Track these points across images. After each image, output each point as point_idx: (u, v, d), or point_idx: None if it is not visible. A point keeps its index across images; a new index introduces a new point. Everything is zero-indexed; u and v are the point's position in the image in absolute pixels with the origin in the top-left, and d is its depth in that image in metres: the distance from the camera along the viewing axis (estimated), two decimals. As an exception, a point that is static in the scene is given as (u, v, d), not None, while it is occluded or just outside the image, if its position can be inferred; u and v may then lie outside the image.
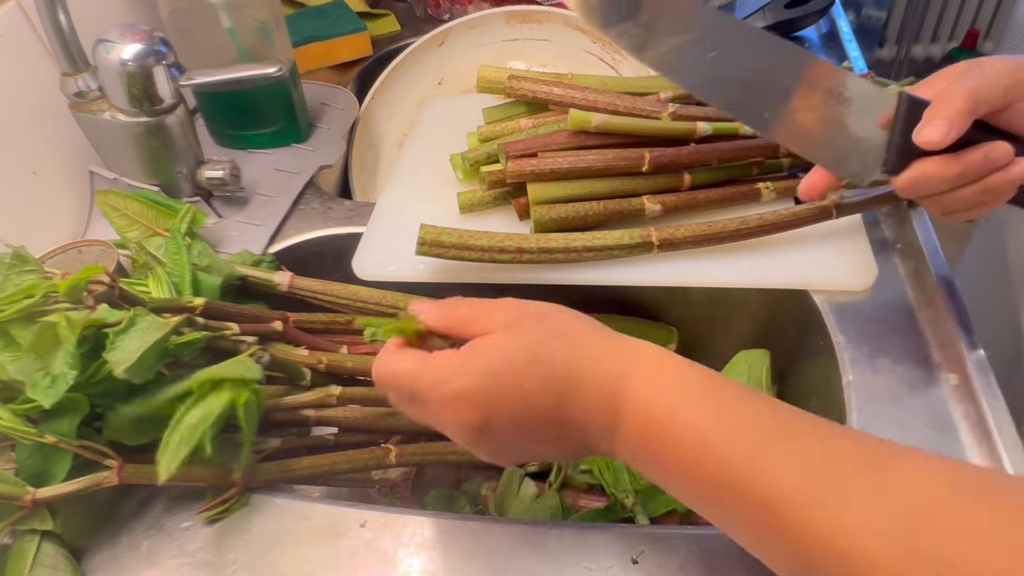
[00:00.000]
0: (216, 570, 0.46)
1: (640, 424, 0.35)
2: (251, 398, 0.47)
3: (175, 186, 0.73)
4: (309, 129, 0.85)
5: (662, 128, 0.64)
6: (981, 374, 0.52)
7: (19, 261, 0.51)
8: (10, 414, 0.44)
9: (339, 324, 0.64)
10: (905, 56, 2.30)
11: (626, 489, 0.52)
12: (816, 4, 0.94)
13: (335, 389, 0.55)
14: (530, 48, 0.93)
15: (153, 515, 0.50)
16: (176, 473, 0.42)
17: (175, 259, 0.57)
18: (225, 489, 0.50)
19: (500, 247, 0.59)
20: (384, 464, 0.55)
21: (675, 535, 0.46)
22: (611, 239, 0.60)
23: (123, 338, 0.45)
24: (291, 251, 0.71)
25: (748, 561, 0.44)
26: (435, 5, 1.07)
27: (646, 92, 0.70)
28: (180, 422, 0.44)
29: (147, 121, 0.68)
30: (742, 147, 0.64)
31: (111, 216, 0.65)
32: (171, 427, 0.44)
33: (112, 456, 0.46)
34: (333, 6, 1.02)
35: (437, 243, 0.59)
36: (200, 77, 0.68)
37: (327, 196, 0.77)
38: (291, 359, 0.55)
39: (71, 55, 0.65)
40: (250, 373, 0.47)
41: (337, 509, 0.49)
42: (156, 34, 0.66)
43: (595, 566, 0.45)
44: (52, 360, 0.44)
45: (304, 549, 0.47)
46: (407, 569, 0.46)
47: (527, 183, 0.63)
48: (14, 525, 0.44)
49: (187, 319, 0.50)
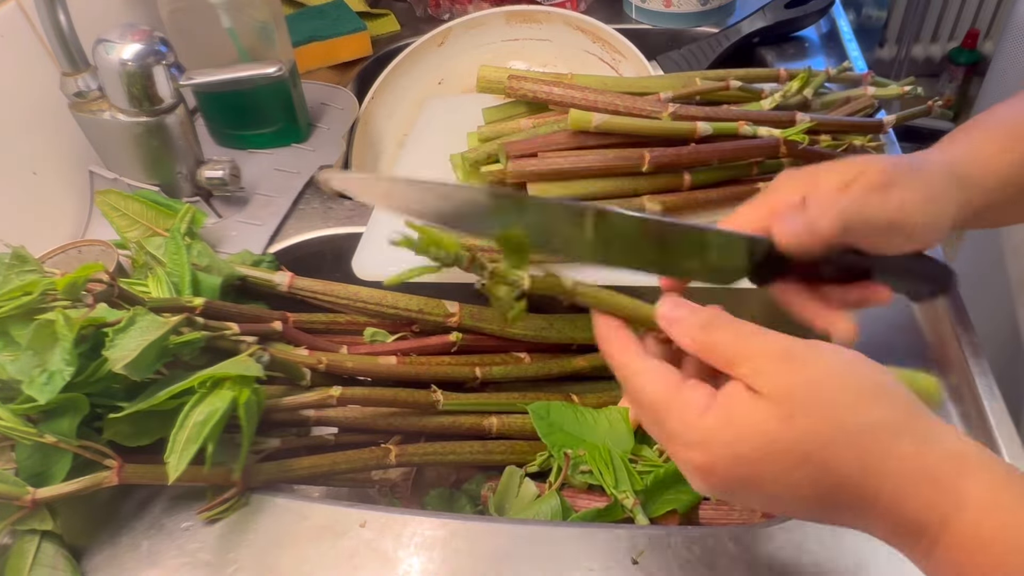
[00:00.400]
0: (216, 570, 0.46)
1: (969, 554, 0.29)
2: (251, 397, 0.47)
3: (175, 186, 0.73)
4: (309, 129, 0.85)
5: (662, 128, 0.64)
6: (981, 374, 0.52)
7: (19, 261, 0.51)
8: (10, 414, 0.44)
9: (339, 324, 0.64)
10: (905, 56, 2.30)
11: (626, 489, 0.52)
12: (816, 4, 0.94)
13: (335, 389, 0.55)
14: (530, 48, 0.93)
15: (153, 515, 0.50)
16: (184, 472, 0.42)
17: (175, 259, 0.57)
18: (225, 489, 0.50)
19: (500, 247, 0.59)
20: (384, 464, 0.55)
21: (675, 535, 0.46)
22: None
23: (122, 336, 0.45)
24: (291, 251, 0.71)
25: (748, 561, 0.44)
26: (435, 5, 1.07)
27: (646, 92, 0.70)
28: (185, 421, 0.44)
29: (147, 121, 0.68)
30: (742, 147, 0.64)
31: (111, 216, 0.65)
32: (177, 426, 0.44)
33: (112, 456, 0.46)
34: (333, 6, 1.02)
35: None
36: (200, 77, 0.68)
37: (327, 196, 0.77)
38: (291, 359, 0.55)
39: (71, 55, 0.65)
40: (251, 372, 0.47)
41: (337, 509, 0.49)
42: (156, 34, 0.66)
43: (595, 566, 0.45)
44: (50, 357, 0.44)
45: (304, 549, 0.47)
46: (407, 569, 0.46)
47: (527, 183, 0.63)
48: (14, 525, 0.44)
49: (187, 319, 0.50)
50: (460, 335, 0.63)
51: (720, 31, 0.96)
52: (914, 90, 0.74)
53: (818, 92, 0.73)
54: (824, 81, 0.74)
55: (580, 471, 0.54)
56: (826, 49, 0.95)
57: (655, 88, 0.70)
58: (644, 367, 0.35)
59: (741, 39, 0.94)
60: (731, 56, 0.94)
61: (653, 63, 0.91)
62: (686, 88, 0.70)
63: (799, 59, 0.94)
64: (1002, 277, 0.81)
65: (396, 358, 0.60)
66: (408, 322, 0.63)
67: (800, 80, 0.72)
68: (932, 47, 2.37)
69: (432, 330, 0.63)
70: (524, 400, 0.60)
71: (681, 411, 0.33)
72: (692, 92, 0.70)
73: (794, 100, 0.71)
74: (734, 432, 0.31)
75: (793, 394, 0.31)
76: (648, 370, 0.35)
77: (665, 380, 0.34)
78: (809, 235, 0.39)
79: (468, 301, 0.64)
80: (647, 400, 0.34)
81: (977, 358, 0.52)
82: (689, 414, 0.32)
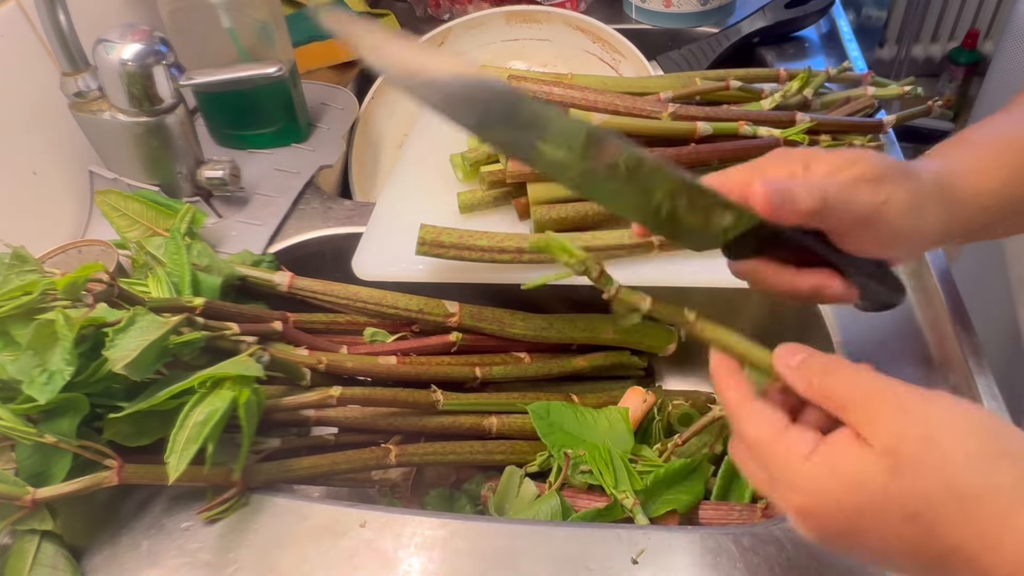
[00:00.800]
0: (216, 570, 0.46)
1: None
2: (251, 397, 0.47)
3: (175, 186, 0.73)
4: (309, 129, 0.85)
5: (662, 128, 0.64)
6: (981, 374, 0.52)
7: (19, 261, 0.51)
8: (10, 414, 0.44)
9: (339, 324, 0.64)
10: (905, 56, 2.30)
11: (626, 489, 0.52)
12: (816, 4, 0.94)
13: (335, 389, 0.55)
14: (530, 48, 0.93)
15: (153, 515, 0.50)
16: (184, 472, 0.42)
17: (175, 259, 0.57)
18: (225, 489, 0.50)
19: (500, 247, 0.59)
20: (384, 464, 0.55)
21: (675, 535, 0.46)
22: (612, 239, 0.60)
23: (122, 336, 0.45)
24: (291, 251, 0.71)
25: (748, 561, 0.44)
26: (435, 5, 1.07)
27: (646, 92, 0.70)
28: (185, 421, 0.44)
29: (147, 121, 0.68)
30: (742, 147, 0.64)
31: (111, 216, 0.65)
32: (177, 426, 0.44)
33: (112, 456, 0.46)
34: (333, 6, 1.02)
35: (437, 243, 0.59)
36: (200, 77, 0.68)
37: (327, 196, 0.77)
38: (291, 359, 0.55)
39: (71, 55, 0.65)
40: (250, 372, 0.47)
41: (337, 509, 0.49)
42: (156, 34, 0.66)
43: (595, 566, 0.45)
44: (49, 357, 0.44)
45: (304, 549, 0.47)
46: (407, 569, 0.46)
47: (527, 183, 0.63)
48: (14, 525, 0.44)
49: (187, 319, 0.50)
50: (460, 335, 0.63)
51: (720, 31, 0.96)
52: (914, 90, 0.74)
53: (818, 92, 0.73)
54: (824, 81, 0.74)
55: (580, 471, 0.54)
56: (826, 49, 0.95)
57: (655, 88, 0.71)
58: (753, 409, 0.34)
59: (741, 39, 0.94)
60: (731, 56, 0.94)
61: (653, 63, 0.91)
62: (686, 88, 0.70)
63: (799, 59, 0.94)
64: (1002, 277, 0.81)
65: (396, 358, 0.60)
66: (408, 322, 0.63)
67: (800, 80, 0.72)
68: (932, 47, 2.37)
69: (432, 330, 0.63)
70: (524, 400, 0.60)
71: (786, 453, 0.32)
72: (692, 92, 0.70)
73: (794, 100, 0.71)
74: (837, 481, 0.30)
75: (903, 447, 0.29)
76: (756, 412, 0.34)
77: (771, 422, 0.33)
78: (786, 203, 0.37)
79: (468, 301, 0.64)
80: (752, 441, 0.34)
81: (977, 358, 0.52)
82: (793, 458, 0.32)
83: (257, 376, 0.47)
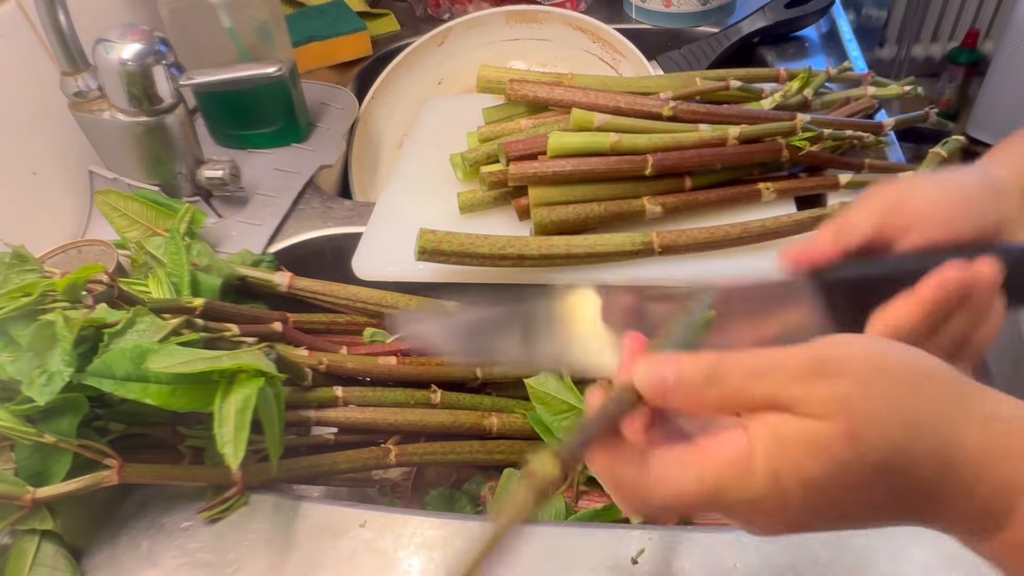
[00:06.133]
0: (216, 570, 0.46)
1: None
2: (279, 384, 0.47)
3: (175, 186, 0.73)
4: (309, 129, 0.85)
5: (665, 130, 0.64)
6: (981, 374, 0.52)
7: (19, 261, 0.51)
8: (10, 414, 0.44)
9: (339, 325, 0.64)
10: (905, 56, 2.30)
11: (626, 489, 0.52)
12: (816, 4, 0.94)
13: (335, 390, 0.55)
14: (530, 48, 0.93)
15: (153, 515, 0.50)
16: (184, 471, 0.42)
17: (175, 259, 0.57)
18: (225, 489, 0.50)
19: (501, 254, 0.58)
20: (384, 464, 0.55)
21: (675, 535, 0.46)
22: (613, 245, 0.59)
23: (121, 339, 0.45)
24: (291, 251, 0.71)
25: (748, 561, 0.44)
26: (435, 5, 1.07)
27: (646, 92, 0.70)
28: (224, 413, 0.44)
29: (147, 121, 0.68)
30: (745, 150, 0.64)
31: (111, 216, 0.65)
32: (216, 421, 0.44)
33: (112, 455, 0.46)
34: (333, 6, 1.02)
35: (437, 251, 0.58)
36: (200, 77, 0.68)
37: (327, 196, 0.77)
38: (292, 359, 0.55)
39: (71, 55, 0.65)
40: (267, 367, 0.47)
41: (337, 509, 0.49)
42: (156, 34, 0.66)
43: (595, 566, 0.45)
44: (49, 358, 0.44)
45: (304, 549, 0.47)
46: (407, 569, 0.46)
47: (528, 186, 0.63)
48: (14, 525, 0.44)
49: (187, 320, 0.50)
50: (460, 335, 0.63)
51: (720, 31, 0.96)
52: (914, 90, 0.74)
53: (818, 92, 0.73)
54: (824, 81, 0.74)
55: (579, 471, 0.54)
56: (826, 49, 0.95)
57: (655, 88, 0.70)
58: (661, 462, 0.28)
59: (741, 39, 0.94)
60: (731, 56, 0.94)
61: (653, 63, 0.91)
62: (686, 88, 0.70)
63: (799, 59, 0.94)
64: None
65: (396, 358, 0.60)
66: (408, 322, 0.63)
67: (800, 80, 0.72)
68: (932, 47, 2.37)
69: (432, 330, 0.63)
70: (525, 404, 0.60)
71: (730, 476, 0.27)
72: (692, 92, 0.70)
73: (794, 100, 0.71)
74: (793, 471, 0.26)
75: (850, 405, 0.26)
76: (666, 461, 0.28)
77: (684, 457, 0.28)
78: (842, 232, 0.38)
79: (468, 301, 0.63)
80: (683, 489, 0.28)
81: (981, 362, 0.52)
82: (734, 473, 0.27)
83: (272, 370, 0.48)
